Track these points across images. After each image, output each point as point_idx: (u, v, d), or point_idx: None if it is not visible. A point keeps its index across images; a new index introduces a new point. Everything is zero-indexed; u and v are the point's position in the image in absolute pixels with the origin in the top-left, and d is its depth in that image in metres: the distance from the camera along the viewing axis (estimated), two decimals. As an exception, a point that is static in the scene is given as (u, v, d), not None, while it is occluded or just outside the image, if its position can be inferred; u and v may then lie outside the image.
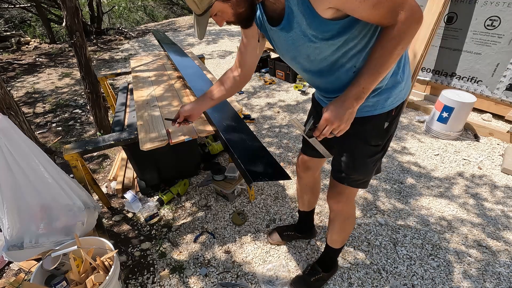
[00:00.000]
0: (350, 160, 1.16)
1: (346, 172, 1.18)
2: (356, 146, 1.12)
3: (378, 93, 1.00)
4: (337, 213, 1.36)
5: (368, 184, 1.25)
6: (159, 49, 6.26)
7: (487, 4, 2.78)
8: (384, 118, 1.05)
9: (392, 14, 0.76)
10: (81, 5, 9.59)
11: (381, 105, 1.02)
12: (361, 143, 1.11)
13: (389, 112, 1.04)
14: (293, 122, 1.14)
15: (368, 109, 1.03)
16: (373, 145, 1.11)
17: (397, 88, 1.00)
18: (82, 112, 3.82)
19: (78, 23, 2.57)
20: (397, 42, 0.78)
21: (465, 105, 2.60)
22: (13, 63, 5.83)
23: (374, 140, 1.10)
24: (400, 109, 1.08)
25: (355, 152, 1.14)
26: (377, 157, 1.16)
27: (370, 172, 1.20)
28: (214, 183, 2.15)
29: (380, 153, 1.16)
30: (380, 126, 1.07)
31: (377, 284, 1.58)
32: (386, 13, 0.76)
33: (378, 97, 1.00)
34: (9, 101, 2.33)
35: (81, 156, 1.66)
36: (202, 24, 0.90)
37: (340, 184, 1.22)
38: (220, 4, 0.84)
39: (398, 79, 1.00)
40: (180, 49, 3.03)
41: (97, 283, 1.33)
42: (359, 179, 1.20)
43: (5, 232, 1.42)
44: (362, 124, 1.05)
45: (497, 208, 2.03)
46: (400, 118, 1.50)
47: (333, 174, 1.25)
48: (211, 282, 1.63)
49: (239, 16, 0.88)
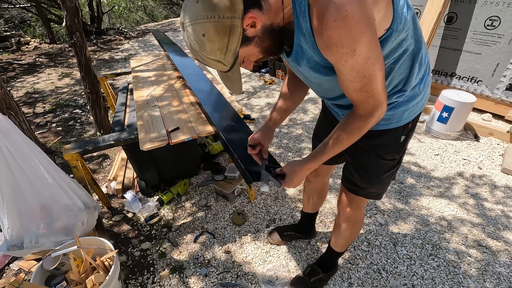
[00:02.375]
0: (365, 176, 1.12)
1: (361, 185, 1.15)
2: (371, 162, 1.08)
3: (393, 106, 0.92)
4: (346, 219, 1.32)
5: (382, 196, 1.22)
6: (159, 49, 6.26)
7: (487, 4, 2.78)
8: (401, 132, 1.00)
9: (364, 104, 0.80)
10: (81, 5, 9.59)
11: (397, 119, 0.96)
12: (377, 159, 1.06)
13: (405, 125, 0.99)
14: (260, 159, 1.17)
15: (383, 122, 0.96)
16: (389, 159, 1.07)
17: (414, 100, 0.94)
18: (82, 112, 3.82)
19: (78, 23, 2.57)
20: (360, 133, 0.86)
21: (465, 105, 2.60)
22: (13, 63, 5.84)
23: (390, 155, 1.06)
24: (417, 121, 1.03)
25: (370, 168, 1.10)
26: (393, 171, 1.12)
27: (385, 186, 1.17)
28: (214, 183, 2.15)
29: (396, 167, 1.11)
30: (397, 140, 1.02)
31: (377, 284, 1.58)
32: (361, 99, 0.79)
33: (394, 110, 0.93)
34: (9, 101, 2.33)
35: (81, 156, 1.66)
36: (235, 78, 0.83)
37: (352, 194, 1.20)
38: (244, 49, 0.77)
39: (416, 91, 0.93)
40: (180, 49, 3.03)
41: (97, 283, 1.33)
42: (374, 192, 1.18)
43: (5, 232, 1.42)
44: (375, 138, 1.01)
45: (497, 208, 2.03)
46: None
47: (346, 185, 1.21)
48: (211, 282, 1.63)
49: (267, 51, 0.80)
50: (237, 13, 0.68)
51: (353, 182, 1.17)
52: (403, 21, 0.74)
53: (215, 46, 0.71)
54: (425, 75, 0.94)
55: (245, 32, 0.72)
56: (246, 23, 0.71)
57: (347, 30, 0.65)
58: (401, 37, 0.78)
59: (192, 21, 0.68)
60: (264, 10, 0.72)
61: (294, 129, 3.08)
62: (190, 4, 0.69)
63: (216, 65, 0.77)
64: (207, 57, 0.74)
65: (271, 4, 0.73)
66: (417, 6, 3.29)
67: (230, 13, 0.67)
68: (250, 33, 0.73)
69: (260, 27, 0.73)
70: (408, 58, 0.85)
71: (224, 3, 0.67)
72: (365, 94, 0.76)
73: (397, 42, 0.78)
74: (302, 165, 0.98)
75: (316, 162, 0.96)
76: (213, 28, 0.68)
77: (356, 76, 0.73)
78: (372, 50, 0.69)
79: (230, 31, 0.69)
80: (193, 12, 0.68)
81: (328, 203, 2.12)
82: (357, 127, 0.84)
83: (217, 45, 0.71)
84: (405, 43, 0.80)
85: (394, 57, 0.81)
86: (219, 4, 0.66)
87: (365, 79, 0.73)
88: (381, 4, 0.69)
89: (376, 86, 0.75)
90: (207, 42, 0.70)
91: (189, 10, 0.69)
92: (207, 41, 0.70)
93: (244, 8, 0.69)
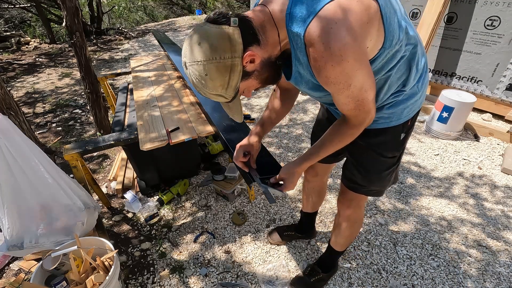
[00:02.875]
0: (365, 174, 1.13)
1: (361, 183, 1.16)
2: (371, 160, 1.09)
3: (393, 104, 0.95)
4: (346, 218, 1.33)
5: (383, 193, 1.23)
6: (159, 49, 6.26)
7: (487, 4, 2.78)
8: (400, 130, 1.02)
9: (356, 118, 0.86)
10: (81, 5, 9.59)
11: (397, 117, 0.98)
12: (377, 157, 1.08)
13: (405, 123, 1.01)
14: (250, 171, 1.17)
15: (383, 120, 0.99)
16: (389, 157, 1.08)
17: (413, 98, 0.96)
18: (82, 112, 3.82)
19: (78, 23, 2.57)
20: (353, 137, 0.92)
21: (465, 105, 2.60)
22: (13, 63, 5.84)
23: (390, 153, 1.07)
24: (416, 119, 1.05)
25: (370, 166, 1.11)
26: (393, 168, 1.13)
27: (386, 183, 1.18)
28: (214, 183, 2.15)
29: (396, 164, 1.13)
30: (396, 138, 1.04)
31: (377, 284, 1.58)
32: (354, 115, 0.85)
33: (393, 108, 0.95)
34: (9, 101, 2.33)
35: (81, 156, 1.66)
36: (236, 107, 0.87)
37: (352, 192, 1.21)
38: (244, 83, 0.80)
39: (415, 90, 0.95)
40: (180, 49, 3.03)
41: (97, 283, 1.33)
42: (375, 189, 1.19)
43: (5, 232, 1.42)
44: (376, 136, 1.02)
45: (497, 208, 2.03)
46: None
47: (346, 184, 1.22)
48: (211, 282, 1.63)
49: (266, 81, 0.85)
50: (237, 52, 0.72)
51: (353, 180, 1.18)
52: (395, 38, 0.77)
53: (217, 84, 0.75)
54: (423, 74, 0.96)
55: (245, 68, 0.76)
56: (245, 61, 0.74)
57: (343, 72, 0.71)
58: (395, 50, 0.80)
59: (194, 62, 0.72)
60: (262, 45, 0.76)
61: (294, 129, 3.08)
62: (192, 46, 0.73)
63: (217, 98, 0.81)
64: (210, 93, 0.78)
65: (269, 38, 0.77)
66: (417, 6, 3.29)
67: (231, 54, 0.71)
68: (249, 68, 0.77)
69: (259, 61, 0.77)
70: (404, 63, 0.87)
71: (225, 45, 0.70)
72: (358, 111, 0.83)
73: (391, 55, 0.81)
74: (298, 166, 1.01)
75: (310, 162, 1.00)
76: (215, 68, 0.72)
77: (351, 100, 0.79)
78: (365, 81, 0.75)
79: (230, 69, 0.73)
80: (196, 54, 0.72)
81: (328, 203, 2.12)
82: (350, 133, 0.90)
83: (218, 83, 0.75)
84: (399, 53, 0.83)
85: (389, 67, 0.84)
86: (220, 46, 0.70)
87: (358, 102, 0.80)
88: (372, 32, 0.73)
89: (368, 104, 0.81)
90: (209, 81, 0.74)
91: (192, 52, 0.73)
92: (209, 80, 0.74)
93: (243, 46, 0.72)
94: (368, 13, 0.70)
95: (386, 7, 0.73)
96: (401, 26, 0.78)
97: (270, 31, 0.76)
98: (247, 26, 0.73)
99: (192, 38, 0.73)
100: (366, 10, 0.70)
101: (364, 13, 0.69)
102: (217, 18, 0.72)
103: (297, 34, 0.72)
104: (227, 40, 0.71)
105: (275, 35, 0.76)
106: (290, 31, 0.74)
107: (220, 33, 0.71)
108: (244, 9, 12.88)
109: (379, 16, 0.72)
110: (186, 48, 0.74)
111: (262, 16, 0.76)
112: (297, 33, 0.72)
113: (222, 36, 0.70)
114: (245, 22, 0.73)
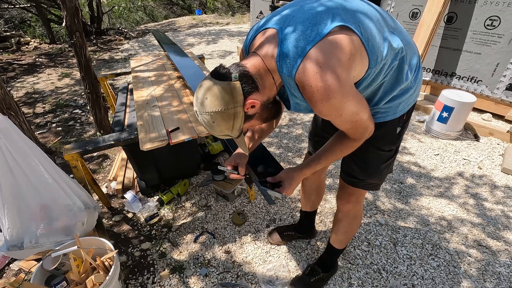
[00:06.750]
0: (363, 167, 1.17)
1: (360, 177, 1.20)
2: (369, 153, 1.13)
3: (389, 99, 1.00)
4: (345, 214, 1.37)
5: (380, 186, 1.27)
6: (159, 49, 6.26)
7: (487, 4, 2.78)
8: (396, 124, 1.07)
9: (354, 134, 0.94)
10: (81, 5, 9.59)
11: (393, 111, 1.03)
12: (374, 151, 1.12)
13: (400, 117, 1.05)
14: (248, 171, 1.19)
15: (380, 115, 1.03)
16: (386, 150, 1.13)
17: (408, 93, 1.01)
18: (82, 112, 3.82)
19: (78, 23, 2.57)
20: (353, 149, 0.99)
21: (465, 105, 2.61)
22: (13, 63, 5.83)
23: (387, 146, 1.12)
24: (411, 113, 1.10)
25: (368, 159, 1.15)
26: (390, 161, 1.18)
27: (384, 176, 1.23)
28: (214, 183, 2.15)
29: (393, 157, 1.18)
30: (393, 132, 1.08)
31: (377, 284, 1.58)
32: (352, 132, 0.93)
33: (390, 103, 1.00)
34: (9, 101, 2.33)
35: (81, 156, 1.66)
36: (241, 142, 0.98)
37: (351, 186, 1.24)
38: (247, 124, 0.91)
39: (410, 85, 0.99)
40: (180, 49, 3.03)
41: (97, 283, 1.33)
42: (373, 183, 1.22)
43: (5, 232, 1.42)
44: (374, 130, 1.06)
45: (497, 208, 2.03)
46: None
47: (345, 178, 1.25)
48: (211, 282, 1.63)
49: (266, 119, 0.96)
50: (238, 103, 0.82)
51: (352, 174, 1.21)
52: (379, 56, 0.84)
53: (223, 128, 0.86)
54: (417, 70, 1.01)
55: (247, 113, 0.87)
56: (247, 108, 0.85)
57: (332, 107, 0.80)
58: (381, 65, 0.86)
59: (203, 112, 0.84)
60: (260, 90, 0.86)
61: (294, 129, 3.08)
62: (200, 98, 0.84)
63: (225, 137, 0.93)
64: (218, 134, 0.90)
65: (265, 83, 0.87)
66: (417, 6, 3.29)
67: (233, 104, 0.82)
68: (251, 112, 0.88)
69: (259, 105, 0.87)
70: (395, 71, 0.92)
71: (228, 98, 0.81)
72: (355, 130, 0.91)
73: (379, 70, 0.87)
74: (299, 171, 1.06)
75: (311, 170, 1.07)
76: (220, 117, 0.83)
77: (346, 123, 0.88)
78: (355, 107, 0.83)
79: (234, 117, 0.84)
80: (204, 105, 0.83)
81: (327, 203, 2.12)
82: (351, 145, 0.98)
83: (224, 127, 0.86)
84: (386, 66, 0.88)
85: (379, 79, 0.90)
86: (223, 99, 0.81)
87: (353, 123, 0.88)
88: (356, 63, 0.80)
89: (363, 123, 0.89)
90: (216, 126, 0.86)
91: (201, 103, 0.84)
92: (216, 126, 0.86)
93: (244, 97, 0.83)
94: (350, 49, 0.78)
95: (365, 33, 0.81)
96: (386, 40, 0.85)
97: (265, 76, 0.86)
98: (246, 77, 0.84)
99: (200, 90, 0.84)
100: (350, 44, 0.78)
101: (347, 49, 0.77)
102: (221, 74, 0.83)
103: (289, 77, 0.82)
104: (230, 93, 0.81)
105: (271, 79, 0.87)
106: (282, 75, 0.84)
107: (223, 88, 0.81)
108: (244, 9, 12.80)
109: (360, 45, 0.80)
110: (197, 100, 0.85)
111: (257, 65, 0.85)
112: (288, 77, 0.82)
113: (225, 90, 0.81)
114: (244, 74, 0.83)
